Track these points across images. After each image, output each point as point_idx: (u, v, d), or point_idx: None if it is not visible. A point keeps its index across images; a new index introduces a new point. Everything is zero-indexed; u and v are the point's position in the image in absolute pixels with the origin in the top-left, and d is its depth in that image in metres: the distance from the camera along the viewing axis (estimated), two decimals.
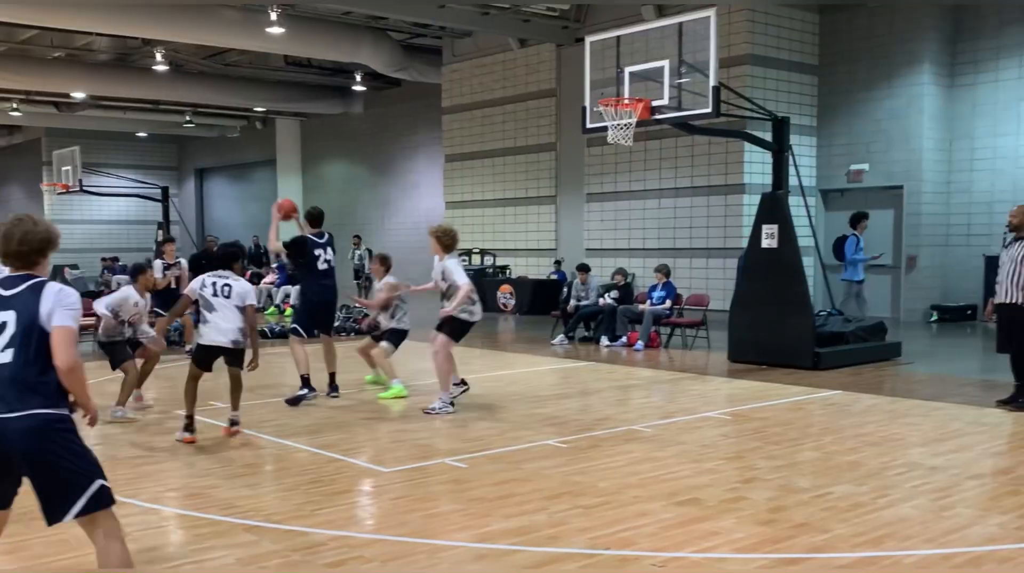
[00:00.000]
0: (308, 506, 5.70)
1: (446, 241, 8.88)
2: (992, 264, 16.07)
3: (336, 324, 16.11)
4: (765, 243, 12.04)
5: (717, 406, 9.10)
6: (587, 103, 12.00)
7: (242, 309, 7.65)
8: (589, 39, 12.29)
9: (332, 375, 9.76)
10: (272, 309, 19.80)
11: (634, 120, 11.14)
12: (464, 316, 8.75)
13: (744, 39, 17.65)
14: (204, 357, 7.80)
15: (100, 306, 8.70)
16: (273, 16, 19.08)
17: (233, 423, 7.83)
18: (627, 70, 11.52)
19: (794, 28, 18.43)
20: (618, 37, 11.76)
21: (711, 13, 10.76)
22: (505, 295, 20.75)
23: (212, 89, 27.75)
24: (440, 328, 8.85)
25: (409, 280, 10.41)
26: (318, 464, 6.83)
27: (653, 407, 9.03)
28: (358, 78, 26.58)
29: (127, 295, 8.76)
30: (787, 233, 11.87)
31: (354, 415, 8.78)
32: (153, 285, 9.94)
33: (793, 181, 12.35)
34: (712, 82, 10.73)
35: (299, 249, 9.86)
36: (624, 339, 14.06)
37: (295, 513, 5.56)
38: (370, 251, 22.27)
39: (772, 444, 7.37)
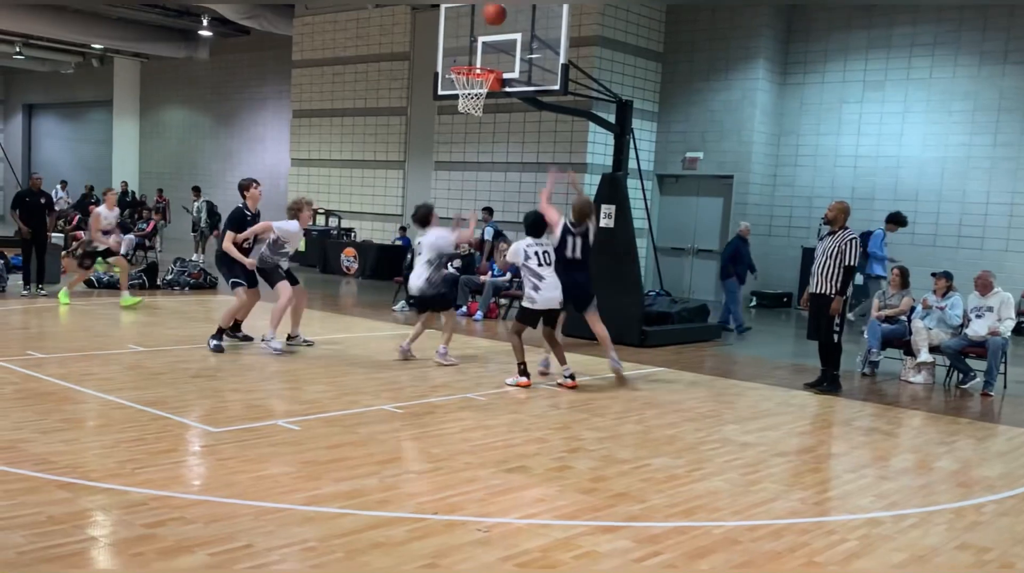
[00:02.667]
0: (129, 464, 5.46)
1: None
2: (808, 255, 17.03)
3: (170, 277, 15.50)
4: (603, 223, 12.30)
5: (549, 378, 9.29)
6: (440, 69, 11.91)
7: None
8: (445, 5, 12.18)
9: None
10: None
11: (485, 91, 11.14)
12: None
13: (595, 20, 17.93)
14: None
15: None
16: None
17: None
18: (481, 40, 11.49)
19: (642, 15, 18.85)
20: (473, 6, 11.70)
21: None
22: (349, 258, 20.44)
23: (46, 20, 25.79)
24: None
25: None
26: (143, 421, 6.55)
27: (488, 377, 9.13)
28: (205, 22, 25.35)
29: None
30: (623, 214, 12.18)
31: (187, 372, 8.45)
32: None
33: (633, 164, 12.67)
34: (562, 60, 10.86)
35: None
36: (464, 309, 14.11)
37: (115, 471, 5.32)
38: (209, 203, 21.39)
39: (598, 416, 7.60)
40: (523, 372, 8.78)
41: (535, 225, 9.00)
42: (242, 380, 8.27)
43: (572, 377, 8.85)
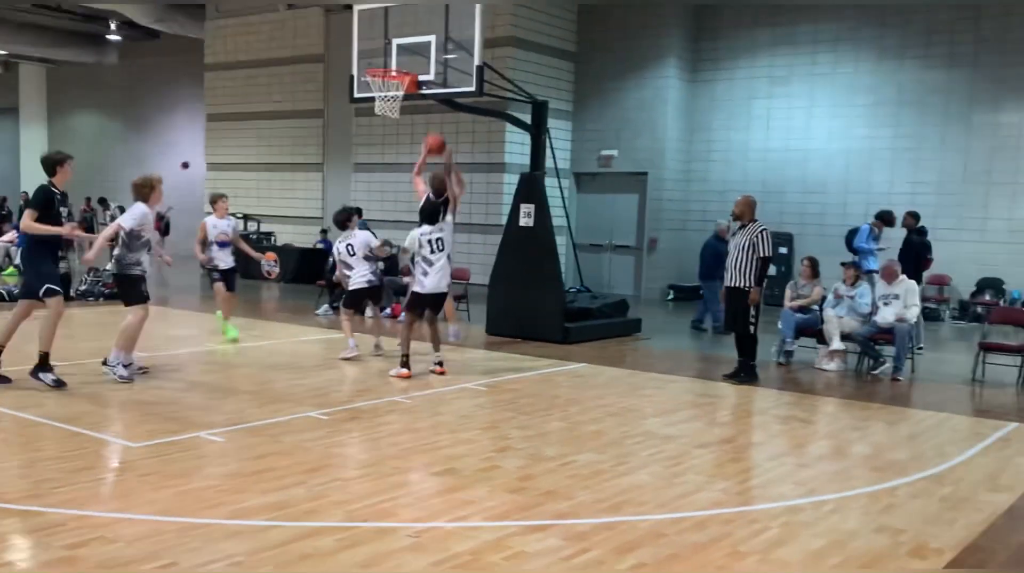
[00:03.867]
0: (46, 484, 5.26)
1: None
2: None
3: (83, 287, 14.99)
4: (522, 222, 12.34)
5: (474, 377, 9.26)
6: (355, 72, 11.78)
7: None
8: (357, 7, 12.07)
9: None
10: (11, 269, 18.06)
11: (401, 93, 11.06)
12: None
13: (508, 21, 17.96)
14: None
15: None
16: None
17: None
18: (395, 42, 11.42)
19: (554, 15, 18.96)
20: (386, 8, 11.61)
21: None
22: (269, 263, 19.99)
23: None
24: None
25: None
26: (60, 438, 6.31)
27: (412, 379, 9.05)
28: (113, 26, 24.64)
29: None
30: (542, 213, 12.22)
31: (103, 386, 8.18)
32: None
33: (550, 163, 12.73)
34: (476, 61, 10.84)
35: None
36: (388, 310, 13.98)
37: (31, 492, 5.10)
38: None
39: (524, 414, 7.60)
40: (404, 364, 9.03)
41: (430, 213, 9.22)
42: (162, 392, 8.04)
43: (440, 363, 9.27)
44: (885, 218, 13.57)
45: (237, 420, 7.02)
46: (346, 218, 10.43)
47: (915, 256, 12.77)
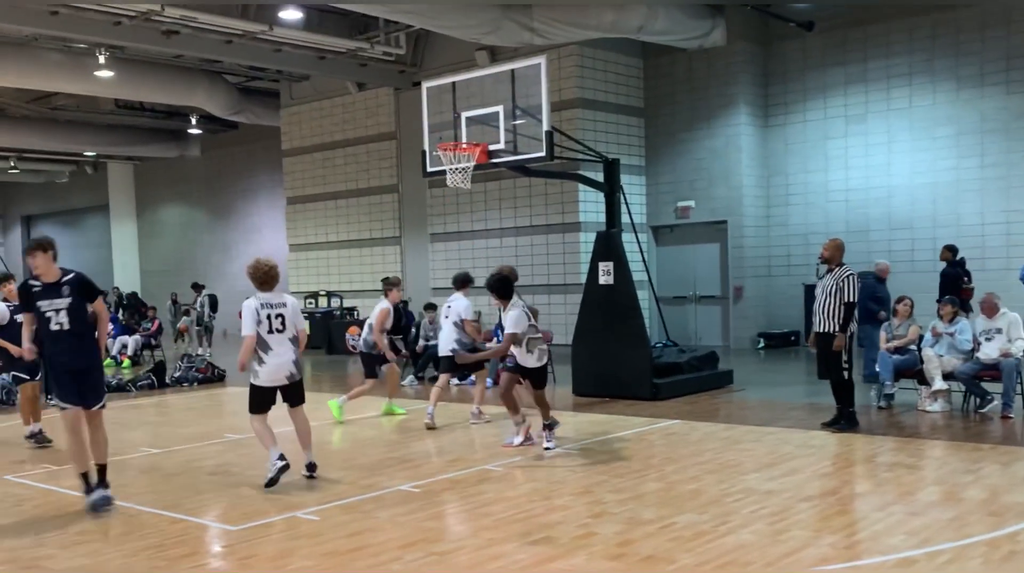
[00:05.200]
0: None
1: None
2: (810, 292, 16.99)
3: (178, 374, 15.41)
4: (602, 279, 12.33)
5: (564, 441, 9.19)
6: (426, 147, 12.04)
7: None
8: (425, 84, 12.36)
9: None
10: (108, 361, 18.76)
11: (472, 164, 11.24)
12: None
13: (574, 83, 18.19)
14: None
15: None
16: (101, 59, 18.30)
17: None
18: (464, 115, 11.64)
19: (620, 72, 19.13)
20: (453, 83, 11.88)
21: (541, 60, 11.04)
22: (353, 337, 20.35)
23: (38, 133, 26.27)
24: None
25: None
26: (162, 526, 6.46)
27: (503, 445, 9.02)
28: (193, 121, 25.79)
29: None
30: (622, 269, 12.20)
31: (201, 471, 8.37)
32: None
33: (625, 218, 12.74)
34: (545, 126, 10.96)
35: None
36: (472, 378, 14.00)
37: None
38: (211, 297, 21.48)
39: (618, 477, 7.49)
40: (547, 426, 8.79)
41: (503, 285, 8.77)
42: (257, 473, 8.18)
43: (550, 426, 8.84)
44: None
45: (331, 498, 7.09)
46: (464, 281, 10.71)
47: (953, 287, 12.75)
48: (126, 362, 18.17)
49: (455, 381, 14.00)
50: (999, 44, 16.20)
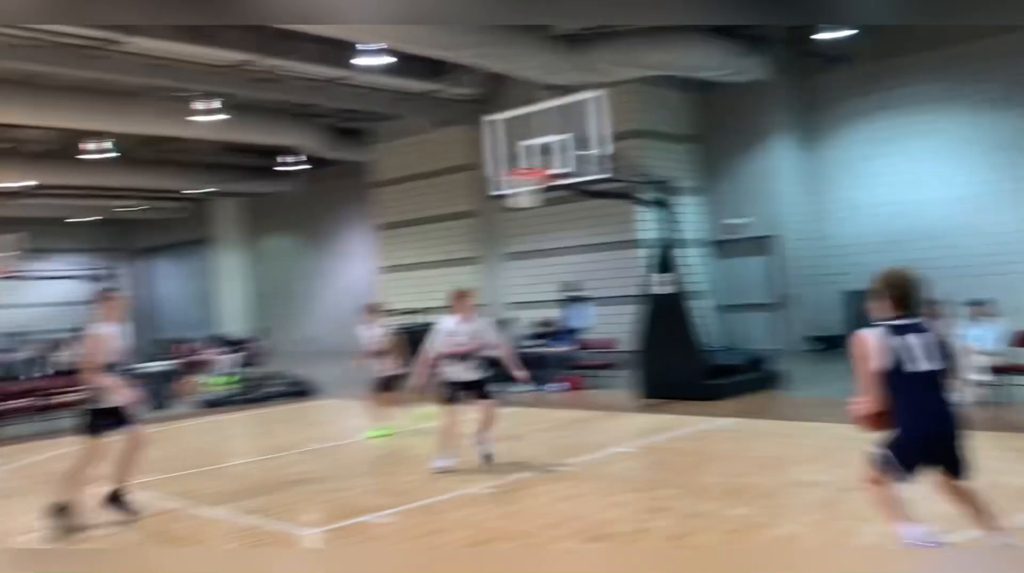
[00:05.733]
0: None
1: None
2: (851, 298, 16.70)
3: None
4: (660, 290, 12.24)
5: (627, 440, 9.11)
6: (491, 173, 12.15)
7: None
8: (493, 118, 12.51)
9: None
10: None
11: (535, 186, 11.31)
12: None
13: (636, 115, 18.19)
14: None
15: None
16: (206, 105, 18.88)
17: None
18: (529, 143, 11.71)
19: (675, 105, 19.15)
20: (517, 117, 12.02)
21: (599, 93, 11.13)
22: None
23: (153, 174, 27.10)
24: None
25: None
26: (235, 531, 6.54)
27: (570, 446, 8.98)
28: (293, 159, 26.42)
29: None
30: (678, 280, 12.10)
31: (273, 478, 8.48)
32: None
33: (681, 235, 12.64)
34: (604, 151, 10.97)
35: None
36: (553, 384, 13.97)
37: None
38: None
39: (675, 473, 7.40)
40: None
41: None
42: (337, 479, 8.26)
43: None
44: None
45: (406, 500, 6.99)
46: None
47: None
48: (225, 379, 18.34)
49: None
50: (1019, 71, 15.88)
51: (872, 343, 4.44)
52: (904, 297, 4.46)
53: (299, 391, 15.63)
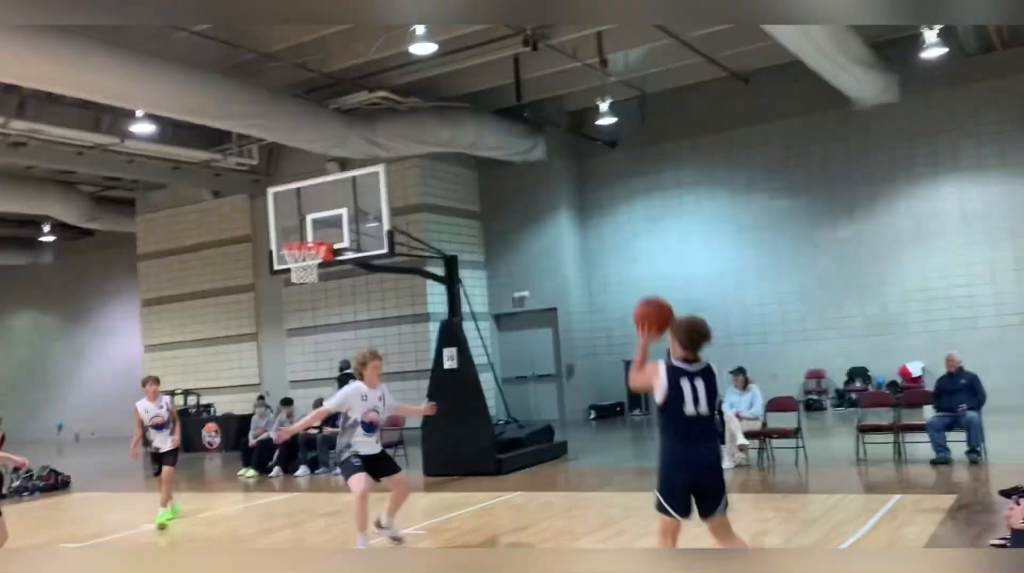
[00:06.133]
0: None
1: None
2: (628, 368, 17.49)
3: (17, 484, 13.82)
4: (447, 365, 12.29)
5: (414, 521, 8.95)
6: (273, 248, 11.83)
7: None
8: (272, 190, 12.26)
9: None
10: None
11: (318, 261, 11.12)
12: None
13: (418, 190, 18.44)
14: None
15: None
16: None
17: None
18: (310, 217, 11.55)
19: (458, 181, 19.64)
20: (299, 189, 11.86)
21: (380, 168, 11.22)
22: (211, 433, 19.40)
23: None
24: None
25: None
26: None
27: (348, 532, 8.66)
28: (46, 229, 24.33)
29: None
30: (464, 354, 12.21)
31: None
32: None
33: (468, 308, 12.84)
34: (386, 227, 11.01)
35: None
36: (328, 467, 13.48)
37: None
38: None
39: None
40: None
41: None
42: None
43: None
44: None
45: None
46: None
47: None
48: None
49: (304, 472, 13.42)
50: (761, 159, 18.07)
51: (661, 371, 4.91)
52: (691, 342, 4.91)
53: (52, 485, 14.01)
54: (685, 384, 4.87)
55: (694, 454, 4.90)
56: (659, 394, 4.91)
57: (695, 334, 4.94)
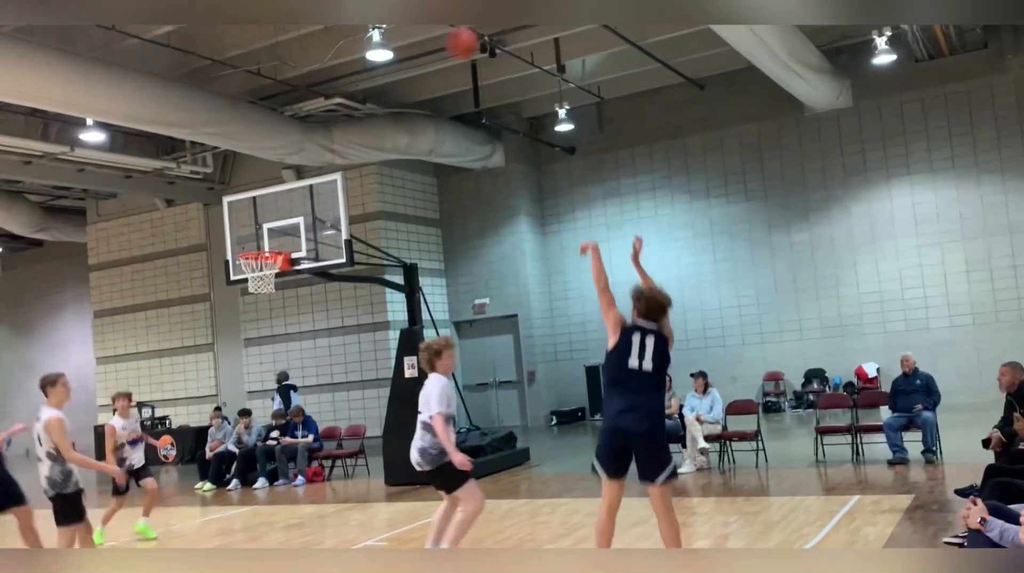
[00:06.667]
0: None
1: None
2: (591, 373, 17.82)
3: None
4: (408, 373, 12.20)
5: (376, 533, 8.88)
6: (229, 257, 11.68)
7: None
8: (227, 199, 12.11)
9: None
10: None
11: (274, 271, 10.99)
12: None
13: (376, 198, 18.32)
14: None
15: None
16: None
17: None
18: (266, 226, 11.44)
19: (417, 189, 19.54)
20: (254, 198, 11.71)
21: (337, 176, 11.13)
22: (166, 446, 18.99)
23: None
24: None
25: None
26: None
27: (314, 545, 8.57)
28: None
29: None
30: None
31: None
32: None
33: (427, 316, 12.77)
34: (344, 235, 10.93)
35: None
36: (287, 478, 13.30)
37: None
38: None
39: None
40: None
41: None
42: None
43: None
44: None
45: None
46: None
47: None
48: None
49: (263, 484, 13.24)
50: (718, 164, 18.26)
51: (619, 321, 5.49)
52: (647, 308, 5.55)
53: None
54: (636, 337, 5.31)
55: (627, 407, 5.12)
56: (610, 341, 5.39)
57: (652, 304, 5.59)
